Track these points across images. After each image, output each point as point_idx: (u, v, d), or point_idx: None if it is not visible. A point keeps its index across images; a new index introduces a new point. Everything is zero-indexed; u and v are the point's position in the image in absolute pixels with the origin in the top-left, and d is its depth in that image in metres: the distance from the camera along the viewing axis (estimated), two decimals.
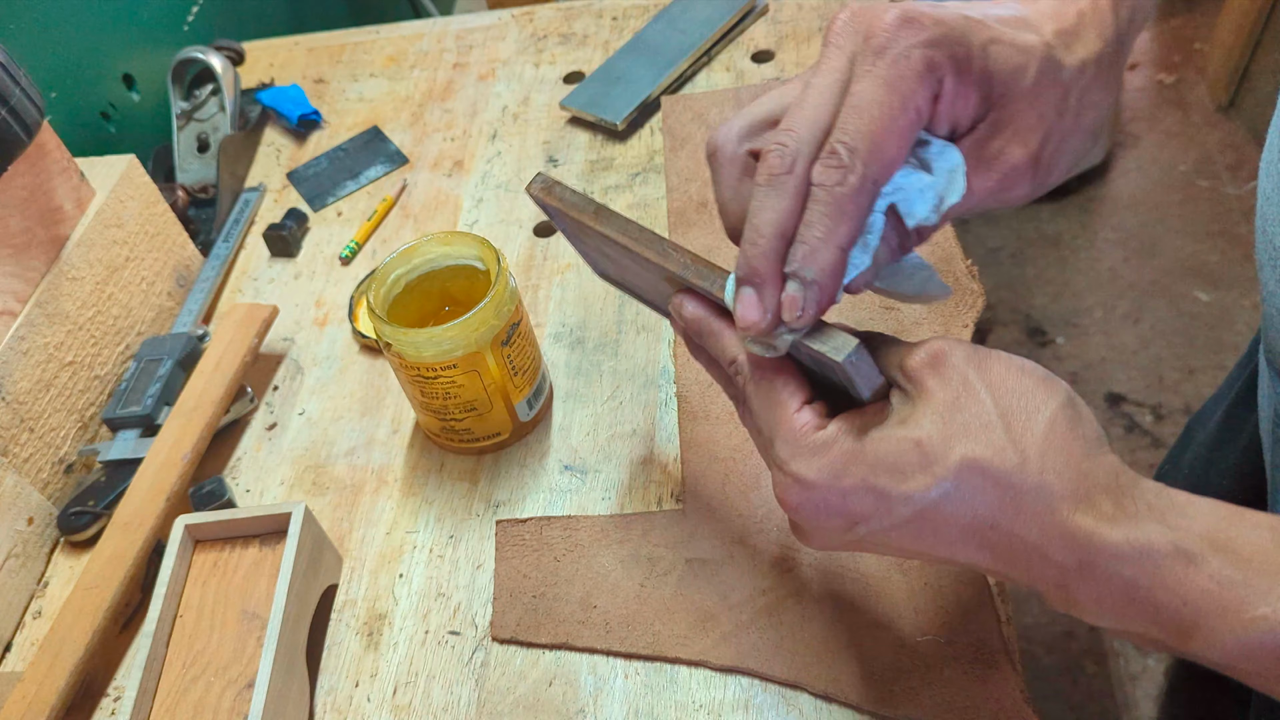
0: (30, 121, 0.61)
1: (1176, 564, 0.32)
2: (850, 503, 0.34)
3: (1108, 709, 1.27)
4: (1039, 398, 0.34)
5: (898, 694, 0.47)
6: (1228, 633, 0.31)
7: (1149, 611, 0.32)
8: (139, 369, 0.67)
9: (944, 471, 0.33)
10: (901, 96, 0.33)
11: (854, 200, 0.33)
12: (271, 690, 0.48)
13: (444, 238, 0.59)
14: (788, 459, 0.35)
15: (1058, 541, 0.33)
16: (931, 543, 0.35)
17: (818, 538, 0.37)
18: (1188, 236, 1.74)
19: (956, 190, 0.36)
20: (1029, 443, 0.33)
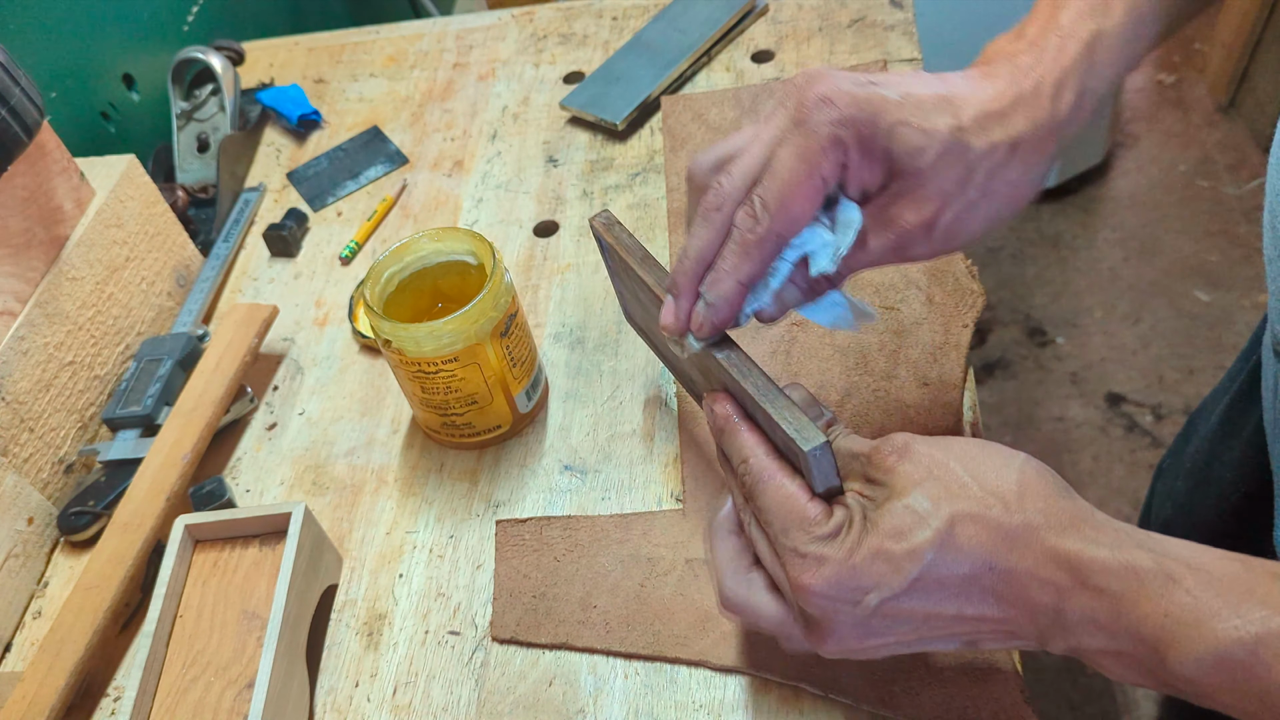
0: (30, 121, 0.61)
1: (1158, 581, 0.34)
2: (862, 573, 0.37)
3: (1108, 709, 1.27)
4: (1002, 459, 0.38)
5: (898, 694, 0.47)
6: (1201, 644, 0.33)
7: (1133, 625, 0.34)
8: (139, 369, 0.67)
9: (940, 524, 0.36)
10: (809, 166, 0.39)
11: (759, 246, 0.40)
12: (271, 690, 0.48)
13: (435, 234, 0.60)
14: (806, 542, 0.38)
15: (1049, 564, 0.36)
16: (939, 598, 0.37)
17: (833, 627, 0.38)
18: (1188, 236, 1.74)
19: (846, 242, 0.41)
20: (1006, 493, 0.37)
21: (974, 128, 0.40)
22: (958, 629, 0.38)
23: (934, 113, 0.39)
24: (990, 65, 0.42)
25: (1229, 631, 0.33)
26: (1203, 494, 0.72)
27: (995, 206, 0.41)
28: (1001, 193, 0.41)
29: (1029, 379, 1.61)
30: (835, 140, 0.39)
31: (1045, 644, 0.37)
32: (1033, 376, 1.61)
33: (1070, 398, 1.57)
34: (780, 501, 0.39)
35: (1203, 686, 0.34)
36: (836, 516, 0.39)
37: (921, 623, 0.38)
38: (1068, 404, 1.56)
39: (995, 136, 0.40)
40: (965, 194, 0.40)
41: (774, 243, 0.40)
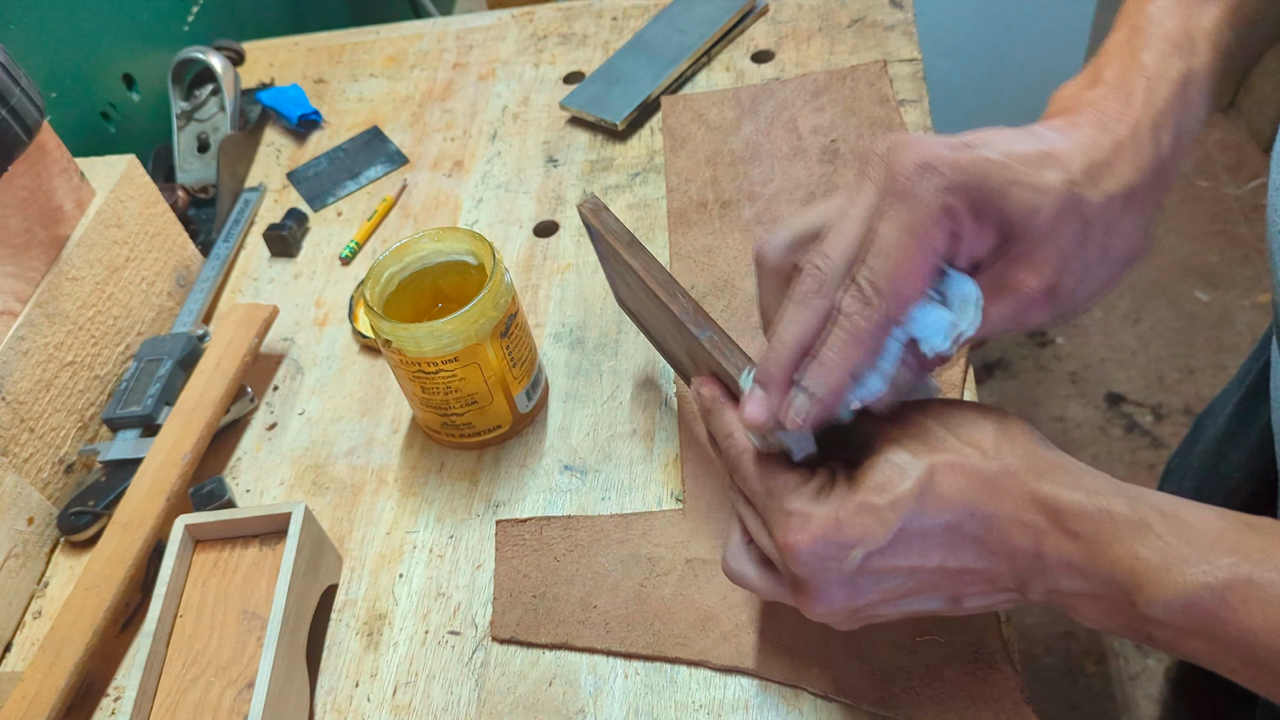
0: (30, 121, 0.61)
1: (1131, 525, 0.35)
2: (846, 528, 0.37)
3: (1108, 709, 1.27)
4: (978, 413, 0.39)
5: (898, 694, 0.47)
6: (1170, 588, 0.34)
7: (1106, 567, 0.35)
8: (139, 369, 0.67)
9: (919, 474, 0.37)
10: (919, 240, 0.36)
11: (871, 333, 0.37)
12: (271, 690, 0.48)
13: (435, 234, 0.60)
14: (791, 501, 0.39)
15: (1030, 508, 0.37)
16: (921, 550, 0.38)
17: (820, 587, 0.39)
18: (1188, 236, 1.74)
19: (969, 321, 0.38)
20: (984, 443, 0.38)
21: (1086, 181, 0.37)
22: (942, 583, 0.39)
23: (1043, 169, 0.37)
24: (1071, 115, 0.39)
25: (1197, 576, 0.33)
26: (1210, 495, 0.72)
27: (1113, 263, 0.39)
28: (1119, 248, 0.39)
29: (1029, 379, 1.61)
30: (947, 209, 0.36)
31: (1025, 591, 0.38)
32: (1033, 376, 1.61)
33: (1070, 398, 1.57)
34: (762, 469, 0.40)
35: (1171, 631, 0.34)
36: (818, 477, 0.39)
37: (907, 578, 0.38)
38: (1068, 404, 1.57)
39: (1109, 188, 0.37)
40: (1085, 252, 0.38)
41: (886, 327, 0.37)
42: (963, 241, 0.37)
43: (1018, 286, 0.38)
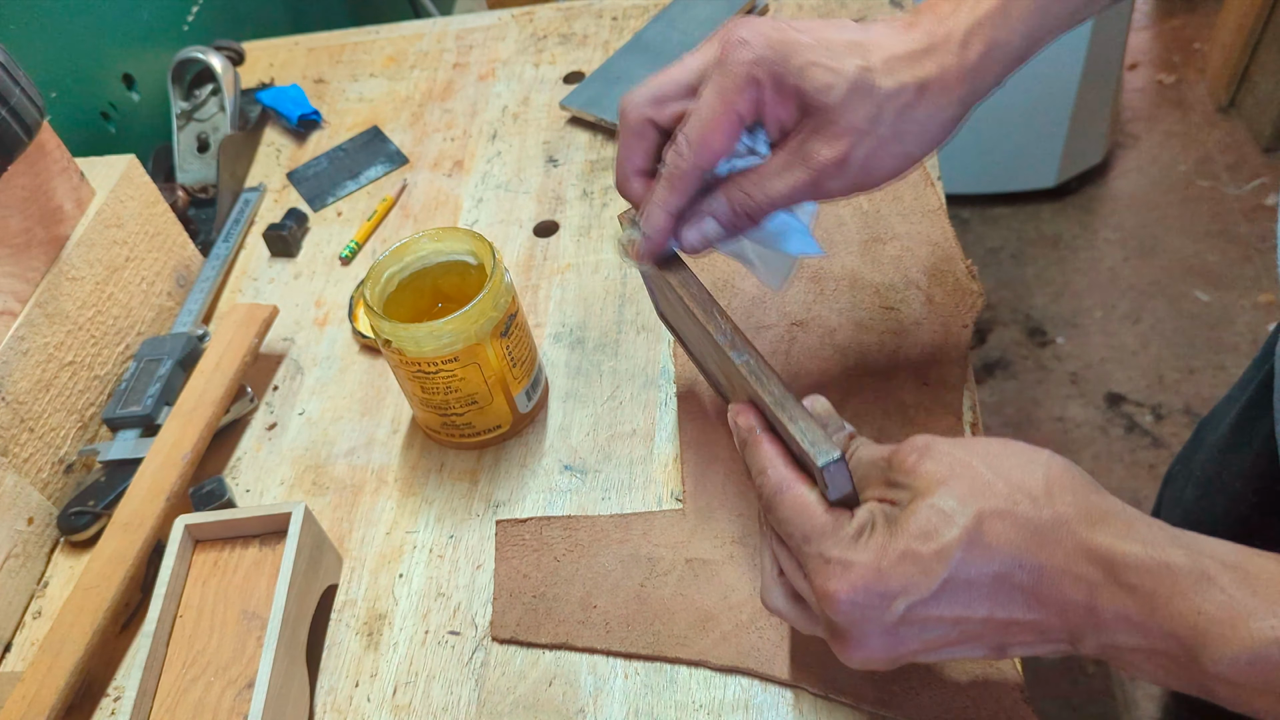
0: (30, 121, 0.61)
1: (1193, 578, 0.34)
2: (889, 578, 0.36)
3: (1108, 709, 1.27)
4: (1026, 456, 0.38)
5: (898, 694, 0.47)
6: (1237, 644, 0.32)
7: (1167, 622, 0.34)
8: (139, 369, 0.67)
9: (967, 522, 0.35)
10: (726, 103, 0.43)
11: (684, 180, 0.45)
12: (271, 690, 0.48)
13: (435, 234, 0.60)
14: (830, 548, 0.38)
15: (1083, 560, 0.35)
16: (968, 601, 0.36)
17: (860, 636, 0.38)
18: (1188, 236, 1.74)
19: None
20: (1033, 488, 0.36)
21: (882, 69, 0.42)
22: (987, 633, 0.37)
23: (843, 55, 0.42)
24: (916, 16, 0.45)
25: (1265, 631, 0.32)
26: (1212, 502, 0.72)
27: (907, 146, 0.44)
28: (912, 132, 0.43)
29: (1029, 379, 1.61)
30: (751, 79, 0.42)
31: (1077, 644, 0.37)
32: (1033, 376, 1.61)
33: (1070, 398, 1.57)
34: (798, 511, 0.39)
35: (1238, 687, 0.33)
36: (859, 519, 0.38)
37: (951, 627, 0.37)
38: (1068, 404, 1.57)
39: (903, 78, 0.42)
40: (876, 131, 0.42)
41: (697, 175, 0.45)
42: (766, 109, 0.43)
43: (813, 156, 0.43)
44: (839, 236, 0.68)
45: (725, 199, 0.45)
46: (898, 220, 0.68)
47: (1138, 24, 2.13)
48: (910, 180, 0.70)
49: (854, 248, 0.67)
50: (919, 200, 0.69)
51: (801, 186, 0.44)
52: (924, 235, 0.66)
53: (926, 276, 0.64)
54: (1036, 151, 1.74)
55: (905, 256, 0.65)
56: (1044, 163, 1.75)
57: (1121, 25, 1.59)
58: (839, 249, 0.67)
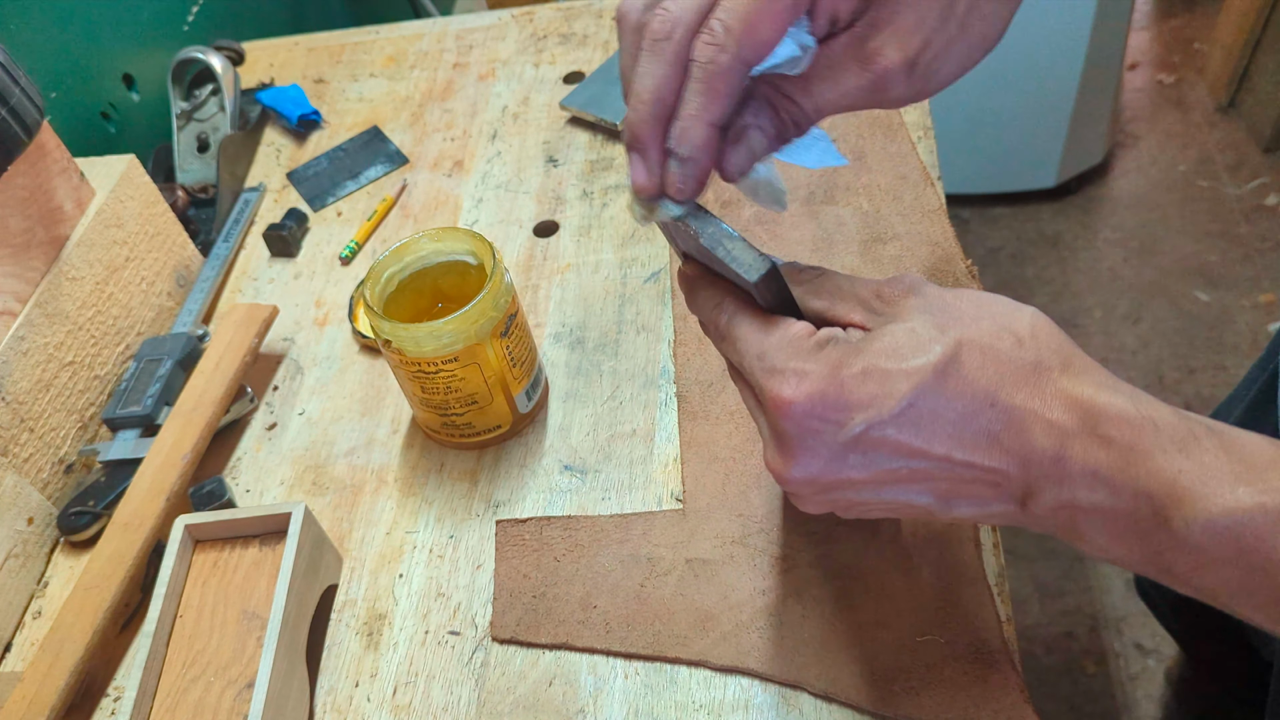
0: (30, 121, 0.60)
1: (1179, 436, 0.32)
2: (849, 390, 0.33)
3: (1108, 709, 1.27)
4: (1014, 305, 0.35)
5: (897, 694, 0.47)
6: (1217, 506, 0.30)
7: (1141, 479, 0.32)
8: (139, 369, 0.67)
9: (944, 349, 0.33)
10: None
11: (725, 78, 0.35)
12: (271, 690, 0.48)
13: (435, 234, 0.60)
14: (786, 358, 0.35)
15: (1060, 406, 0.33)
16: (930, 433, 0.34)
17: (806, 448, 0.35)
18: (1188, 236, 1.74)
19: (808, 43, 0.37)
20: (1020, 330, 0.34)
21: None
22: (939, 476, 0.35)
23: None
24: None
25: (1251, 495, 0.30)
26: None
27: (969, 46, 0.38)
28: (978, 30, 0.38)
29: None
30: None
31: (1028, 502, 0.34)
32: None
33: None
34: (756, 328, 0.36)
35: (1202, 557, 0.31)
36: (821, 334, 0.35)
37: (904, 460, 0.34)
38: None
39: None
40: (946, 26, 0.36)
41: (740, 72, 0.35)
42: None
43: (878, 56, 0.36)
44: (839, 236, 0.68)
45: (768, 106, 0.37)
46: (898, 220, 0.68)
47: (1138, 24, 2.13)
48: (910, 180, 0.70)
49: (854, 247, 0.67)
50: (919, 200, 0.69)
51: (860, 93, 0.37)
52: (924, 235, 0.66)
53: (926, 276, 0.64)
54: (1036, 151, 1.74)
55: (905, 256, 0.65)
56: (1044, 163, 1.75)
57: (1121, 25, 1.59)
58: (839, 249, 0.67)
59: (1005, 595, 0.50)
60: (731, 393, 0.61)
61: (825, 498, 0.37)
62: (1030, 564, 1.41)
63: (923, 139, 0.73)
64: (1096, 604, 1.35)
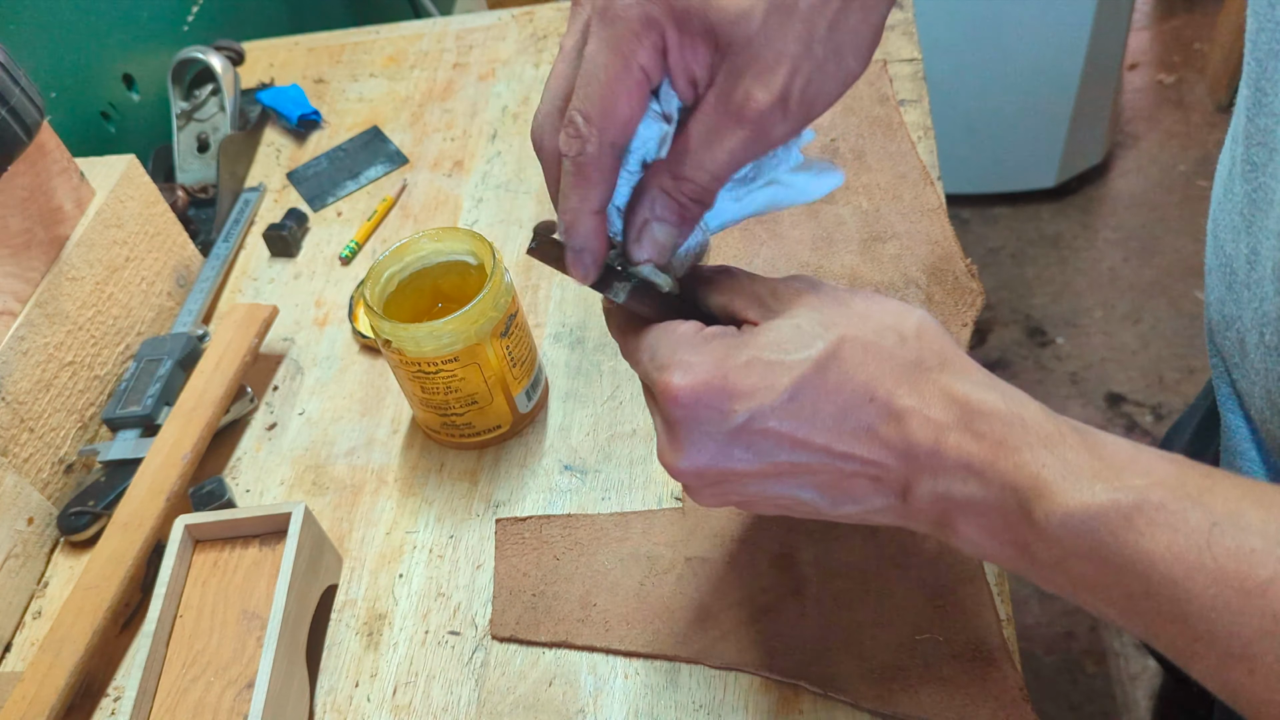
0: (30, 121, 0.61)
1: (1043, 433, 0.33)
2: (733, 380, 0.35)
3: (1108, 709, 1.27)
4: (904, 306, 0.37)
5: (897, 692, 0.47)
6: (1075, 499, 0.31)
7: (1008, 472, 0.33)
8: (139, 369, 0.67)
9: (826, 345, 0.35)
10: (623, 57, 0.34)
11: (595, 166, 0.36)
12: (271, 690, 0.48)
13: (435, 234, 0.60)
14: (672, 352, 0.36)
15: (937, 402, 0.34)
16: (811, 425, 0.35)
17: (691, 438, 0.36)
18: (1188, 236, 1.74)
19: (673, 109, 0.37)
20: (904, 329, 0.35)
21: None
22: (822, 470, 0.36)
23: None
24: None
25: (1106, 492, 0.31)
26: None
27: (846, 63, 0.37)
28: (849, 45, 0.36)
29: (1029, 379, 1.61)
30: (646, 21, 0.34)
31: (907, 495, 0.35)
32: (1033, 376, 1.61)
33: (1070, 398, 1.57)
34: (646, 333, 0.38)
35: (1060, 550, 0.32)
36: (709, 330, 0.37)
37: (787, 452, 0.35)
38: (1068, 404, 1.56)
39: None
40: (812, 54, 0.35)
41: (610, 155, 0.36)
42: (673, 55, 0.35)
43: (746, 104, 0.35)
44: (839, 235, 0.68)
45: (660, 193, 0.37)
46: (897, 219, 0.68)
47: (1138, 24, 2.13)
48: (910, 179, 0.70)
49: (854, 246, 0.67)
50: (919, 199, 0.69)
51: (744, 144, 0.36)
52: (924, 234, 0.66)
53: (926, 275, 0.64)
54: (1036, 151, 1.74)
55: (905, 255, 0.65)
56: (1044, 163, 1.75)
57: (1121, 25, 1.59)
58: (839, 248, 0.67)
59: (1005, 595, 0.50)
60: None
61: (715, 490, 0.38)
62: None
63: (923, 139, 0.73)
64: None
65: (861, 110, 0.75)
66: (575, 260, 0.38)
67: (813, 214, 0.70)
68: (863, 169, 0.71)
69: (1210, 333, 0.53)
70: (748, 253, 0.68)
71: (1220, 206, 0.48)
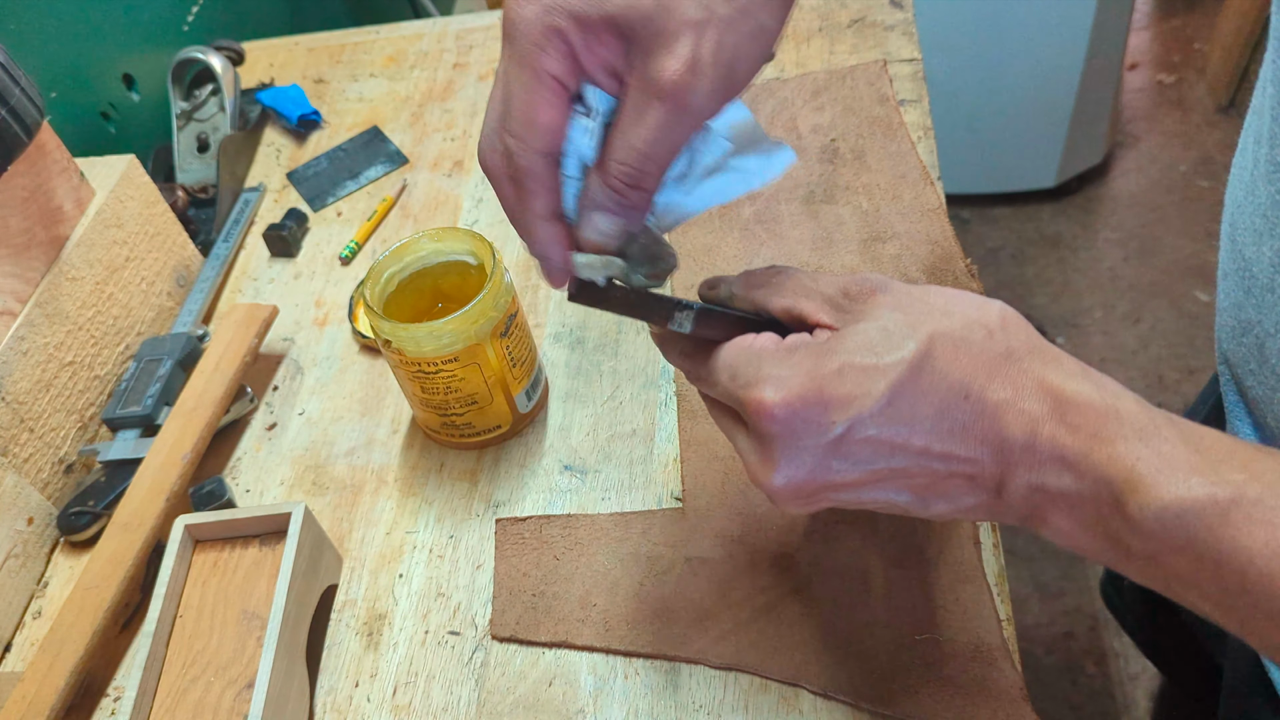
0: (30, 121, 0.61)
1: (1139, 425, 0.32)
2: (828, 389, 0.34)
3: (1108, 709, 1.27)
4: (982, 299, 0.36)
5: (897, 692, 0.47)
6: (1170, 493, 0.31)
7: (1103, 464, 0.32)
8: (139, 369, 0.67)
9: (917, 345, 0.34)
10: (531, 69, 0.35)
11: (531, 177, 0.37)
12: (271, 690, 0.48)
13: (435, 234, 0.60)
14: (757, 368, 0.35)
15: (1031, 394, 0.34)
16: (909, 427, 0.34)
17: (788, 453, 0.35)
18: (1188, 236, 1.74)
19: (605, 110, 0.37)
20: (990, 322, 0.35)
21: None
22: (918, 471, 0.35)
23: None
24: None
25: (1203, 486, 0.31)
26: None
27: (758, 19, 0.36)
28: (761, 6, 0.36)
29: None
30: (547, 30, 0.35)
31: (1002, 491, 0.35)
32: None
33: None
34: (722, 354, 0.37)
35: (1155, 543, 0.32)
36: (790, 340, 0.36)
37: (885, 458, 0.35)
38: None
39: None
40: (715, 13, 0.35)
41: (543, 164, 0.37)
42: (583, 56, 0.36)
43: (659, 76, 0.35)
44: (839, 235, 0.68)
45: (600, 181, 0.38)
46: (897, 219, 0.68)
47: (1138, 24, 2.13)
48: (910, 179, 0.70)
49: (853, 246, 0.67)
50: (918, 199, 0.69)
51: (669, 119, 0.36)
52: (923, 234, 0.66)
53: (926, 275, 0.64)
54: (1036, 151, 1.74)
55: (905, 255, 0.65)
56: (1044, 163, 1.75)
57: (1121, 25, 1.59)
58: (838, 248, 0.67)
59: (1005, 595, 0.50)
60: None
61: (806, 500, 0.37)
62: (1030, 564, 1.41)
63: (923, 139, 0.73)
64: (1096, 604, 1.35)
65: (861, 110, 0.75)
66: (544, 268, 0.39)
67: (813, 214, 0.70)
68: (863, 169, 0.71)
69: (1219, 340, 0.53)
70: (747, 253, 0.68)
71: (1240, 210, 0.48)
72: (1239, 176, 0.49)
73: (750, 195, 0.72)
